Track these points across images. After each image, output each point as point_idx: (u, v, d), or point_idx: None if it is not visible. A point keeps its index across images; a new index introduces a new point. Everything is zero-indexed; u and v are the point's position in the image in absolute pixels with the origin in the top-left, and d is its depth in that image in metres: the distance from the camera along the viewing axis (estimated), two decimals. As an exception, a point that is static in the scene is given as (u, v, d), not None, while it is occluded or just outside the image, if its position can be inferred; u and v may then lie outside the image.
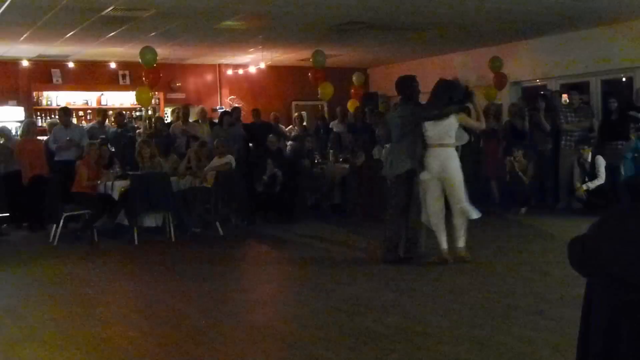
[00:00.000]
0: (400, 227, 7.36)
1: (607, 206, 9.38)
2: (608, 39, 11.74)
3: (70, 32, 10.69)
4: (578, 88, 11.83)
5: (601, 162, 10.24)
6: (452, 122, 7.15)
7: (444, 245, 7.19)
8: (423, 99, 7.80)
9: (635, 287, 1.17)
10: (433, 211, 7.18)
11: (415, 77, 7.54)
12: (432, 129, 7.13)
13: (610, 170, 10.27)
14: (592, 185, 10.22)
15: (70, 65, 13.97)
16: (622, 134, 10.48)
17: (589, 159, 10.34)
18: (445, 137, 7.14)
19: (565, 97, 12.25)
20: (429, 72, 15.03)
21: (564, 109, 11.29)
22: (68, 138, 11.02)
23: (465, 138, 7.53)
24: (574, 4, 9.79)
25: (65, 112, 11.51)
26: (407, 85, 7.51)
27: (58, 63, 13.95)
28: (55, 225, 9.42)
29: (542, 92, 12.40)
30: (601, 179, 10.20)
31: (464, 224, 7.20)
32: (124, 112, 13.55)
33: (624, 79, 12.38)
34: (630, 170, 10.14)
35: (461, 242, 7.20)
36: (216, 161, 10.30)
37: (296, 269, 7.68)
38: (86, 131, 11.81)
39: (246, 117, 14.10)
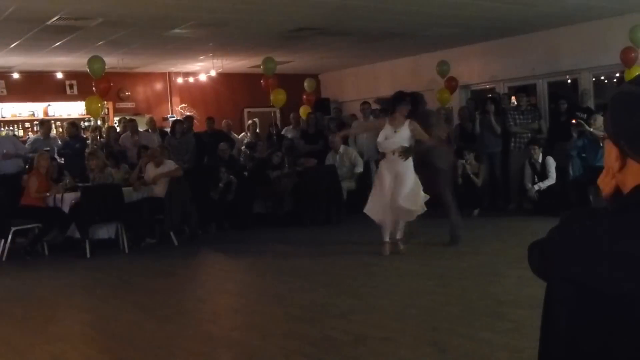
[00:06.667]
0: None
1: (557, 206, 9.50)
2: (553, 42, 12.01)
3: (15, 42, 10.45)
4: (525, 90, 12.03)
5: (551, 162, 10.41)
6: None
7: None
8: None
9: (596, 291, 1.17)
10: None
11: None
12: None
13: (560, 170, 10.45)
14: (543, 185, 10.38)
15: (15, 76, 13.65)
16: (571, 135, 10.71)
17: (540, 160, 10.50)
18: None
19: (513, 99, 12.47)
20: (380, 77, 15.18)
21: (512, 111, 11.48)
22: (5, 151, 10.74)
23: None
24: (518, 9, 9.97)
25: None
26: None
27: (2, 74, 13.59)
28: (3, 241, 9.16)
29: (490, 95, 12.58)
30: (552, 180, 10.36)
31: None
32: (75, 122, 13.26)
33: (569, 81, 12.65)
34: (578, 169, 10.33)
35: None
36: (162, 169, 9.98)
37: (253, 278, 7.64)
38: (30, 143, 11.56)
39: (197, 126, 13.96)
